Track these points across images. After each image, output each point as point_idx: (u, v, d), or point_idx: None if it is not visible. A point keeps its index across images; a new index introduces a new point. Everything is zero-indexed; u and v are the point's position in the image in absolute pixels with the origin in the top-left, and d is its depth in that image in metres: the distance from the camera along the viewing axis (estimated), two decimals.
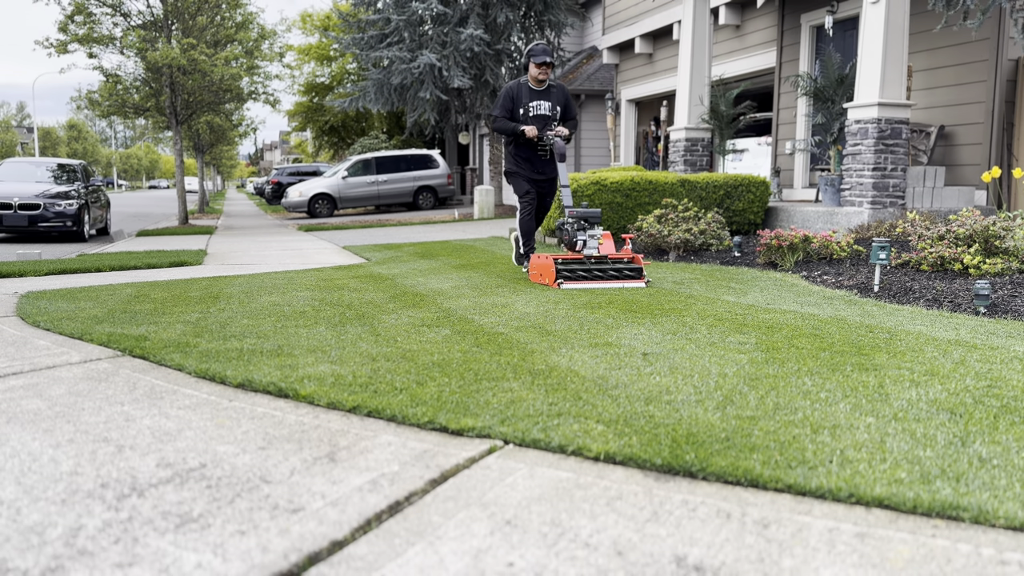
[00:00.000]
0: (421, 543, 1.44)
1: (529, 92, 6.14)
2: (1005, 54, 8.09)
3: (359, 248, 9.43)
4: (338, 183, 20.04)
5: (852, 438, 1.97)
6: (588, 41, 20.77)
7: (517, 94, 6.13)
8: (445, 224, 14.50)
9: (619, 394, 2.39)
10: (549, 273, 5.25)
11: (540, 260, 5.48)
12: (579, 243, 5.41)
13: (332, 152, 36.15)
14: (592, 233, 5.47)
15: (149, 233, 13.81)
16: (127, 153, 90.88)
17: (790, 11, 11.26)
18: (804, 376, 2.62)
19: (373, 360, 2.90)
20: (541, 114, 6.16)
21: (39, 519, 1.53)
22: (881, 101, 7.42)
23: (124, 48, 14.47)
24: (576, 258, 5.36)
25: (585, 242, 5.41)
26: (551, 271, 5.23)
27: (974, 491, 1.62)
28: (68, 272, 6.60)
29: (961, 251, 5.18)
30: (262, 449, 1.96)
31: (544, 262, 5.39)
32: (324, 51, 31.56)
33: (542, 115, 6.16)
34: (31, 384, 2.64)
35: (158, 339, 3.34)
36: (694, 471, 1.76)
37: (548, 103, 6.18)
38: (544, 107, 6.17)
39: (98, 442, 2.02)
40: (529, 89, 6.15)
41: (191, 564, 1.35)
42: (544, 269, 5.38)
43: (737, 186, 8.43)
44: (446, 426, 2.09)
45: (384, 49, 16.36)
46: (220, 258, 8.39)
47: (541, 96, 6.17)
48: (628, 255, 5.44)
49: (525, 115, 6.12)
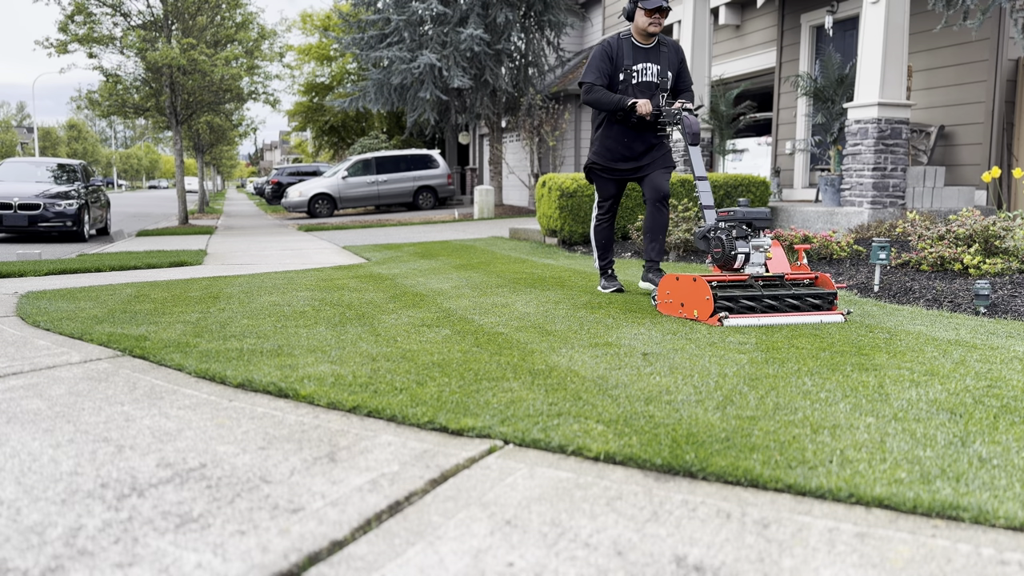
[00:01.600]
0: (421, 543, 1.44)
1: (633, 50, 4.55)
2: (1005, 54, 8.09)
3: (359, 248, 9.43)
4: (338, 183, 20.04)
5: (852, 438, 1.97)
6: (588, 41, 20.76)
7: (617, 52, 4.55)
8: (445, 224, 14.50)
9: (619, 394, 2.39)
10: (700, 303, 3.72)
11: (681, 282, 3.88)
12: (740, 257, 3.96)
13: (332, 152, 36.14)
14: (759, 243, 3.98)
15: (149, 233, 13.81)
16: (127, 153, 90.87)
17: (790, 11, 11.26)
18: (804, 376, 2.62)
19: (373, 360, 2.90)
20: (648, 81, 4.57)
21: (39, 519, 1.53)
22: (881, 101, 7.42)
23: (124, 48, 14.47)
24: (736, 279, 3.88)
25: (748, 256, 3.96)
26: (704, 300, 3.69)
27: (974, 491, 1.62)
28: (68, 272, 6.60)
29: (961, 251, 5.18)
30: (262, 449, 1.96)
31: (690, 286, 3.81)
32: (324, 51, 31.55)
33: (648, 82, 4.57)
34: (31, 384, 2.64)
35: (158, 339, 3.34)
36: (694, 471, 1.76)
37: (657, 66, 4.58)
38: (652, 71, 4.57)
39: (98, 442, 2.02)
40: (633, 46, 4.57)
41: (191, 564, 1.35)
42: (691, 296, 3.79)
43: (737, 186, 8.44)
44: (446, 426, 2.09)
45: (384, 49, 16.36)
46: (220, 258, 8.39)
47: (649, 57, 4.57)
48: (807, 272, 3.98)
49: (626, 82, 4.54)
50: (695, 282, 3.76)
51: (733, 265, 3.99)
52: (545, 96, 18.20)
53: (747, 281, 3.87)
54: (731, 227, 4.01)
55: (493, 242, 9.66)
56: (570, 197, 8.05)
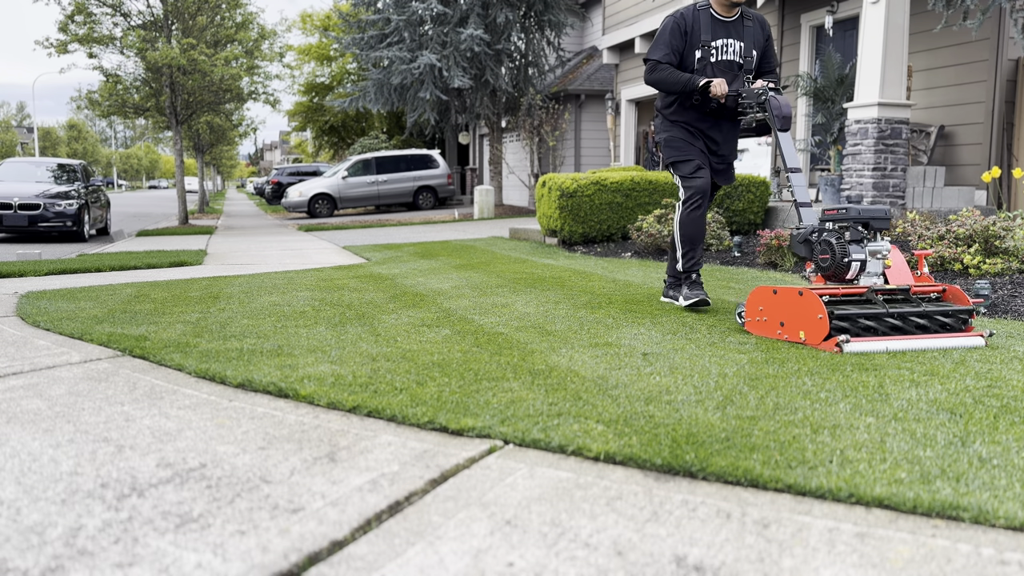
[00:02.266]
0: (421, 543, 1.44)
1: (712, 23, 3.94)
2: (1005, 54, 8.09)
3: (359, 248, 9.43)
4: (338, 183, 20.04)
5: (852, 438, 1.97)
6: (588, 41, 20.77)
7: (692, 26, 3.94)
8: (445, 224, 14.50)
9: (619, 394, 2.39)
10: (809, 322, 3.07)
11: (781, 297, 3.23)
12: (855, 266, 3.30)
13: (332, 152, 36.15)
14: (876, 248, 3.33)
15: (149, 233, 13.81)
16: (127, 153, 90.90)
17: (790, 11, 11.26)
18: (804, 376, 2.62)
19: (373, 360, 2.90)
20: (729, 60, 3.96)
21: (39, 519, 1.53)
22: (881, 101, 7.42)
23: (124, 48, 14.48)
24: (851, 292, 3.25)
25: (864, 264, 3.30)
26: (815, 320, 3.04)
27: (974, 491, 1.62)
28: (68, 272, 6.60)
29: (961, 251, 5.18)
30: (262, 449, 1.96)
31: (794, 302, 3.15)
32: (324, 51, 31.55)
33: (730, 61, 3.97)
34: (31, 384, 2.64)
35: (158, 339, 3.34)
36: (694, 471, 1.76)
37: (740, 43, 3.97)
38: (734, 49, 3.96)
39: (98, 442, 2.02)
40: (712, 19, 3.96)
41: (191, 564, 1.35)
42: (795, 314, 3.15)
43: (737, 186, 8.43)
44: (446, 426, 2.08)
45: (384, 49, 16.37)
46: (220, 258, 8.39)
47: (731, 32, 3.96)
48: (933, 284, 3.36)
49: (704, 61, 3.94)
50: (801, 296, 3.10)
51: (845, 275, 3.31)
52: (545, 96, 18.20)
53: (865, 295, 3.22)
54: (842, 229, 3.39)
55: (493, 242, 9.66)
56: (570, 197, 8.04)
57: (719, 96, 3.84)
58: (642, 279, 5.51)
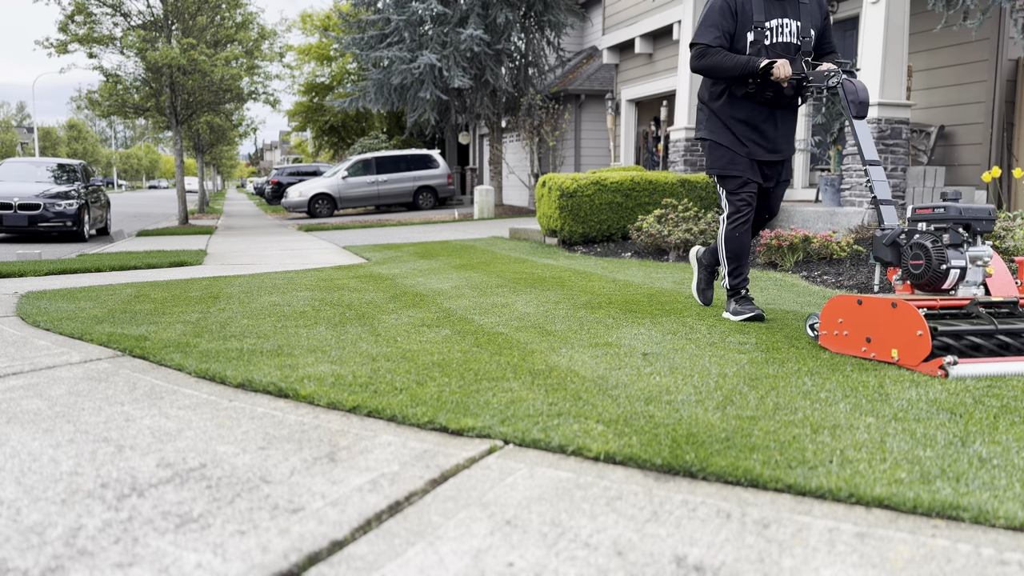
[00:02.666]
0: (421, 543, 1.44)
1: (764, 2, 3.54)
2: (1005, 54, 8.09)
3: (359, 248, 9.43)
4: (338, 183, 20.04)
5: (852, 438, 1.97)
6: (588, 41, 20.76)
7: (743, 5, 3.51)
8: (445, 224, 14.50)
9: (619, 394, 2.39)
10: (906, 339, 2.65)
11: (868, 308, 2.83)
12: (954, 274, 2.86)
13: (332, 152, 36.14)
14: (978, 254, 2.90)
15: (149, 233, 13.81)
16: (127, 153, 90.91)
17: None
18: (804, 376, 2.62)
19: (373, 360, 2.90)
20: (785, 42, 3.55)
21: (39, 519, 1.53)
22: (881, 101, 7.42)
23: (124, 48, 14.48)
24: (951, 304, 2.83)
25: (964, 272, 2.87)
26: (914, 337, 2.62)
27: (974, 491, 1.62)
28: (68, 272, 6.60)
29: None
30: (262, 449, 1.96)
31: (887, 314, 2.73)
32: (324, 51, 31.55)
33: (786, 43, 3.55)
34: (31, 384, 2.64)
35: (158, 339, 3.34)
36: (694, 471, 1.76)
37: (797, 23, 3.56)
38: (791, 29, 3.55)
39: (98, 442, 2.02)
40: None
41: (191, 564, 1.35)
42: (887, 329, 2.74)
43: None
44: (446, 426, 2.08)
45: (384, 49, 16.37)
46: (220, 258, 8.39)
47: (787, 10, 3.56)
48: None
49: (757, 44, 3.52)
50: (895, 309, 2.68)
51: (941, 284, 2.87)
52: (545, 96, 18.20)
53: (966, 308, 2.79)
54: (938, 231, 2.94)
55: (493, 242, 9.66)
56: (570, 197, 8.04)
57: (782, 80, 3.37)
58: (642, 279, 5.51)
